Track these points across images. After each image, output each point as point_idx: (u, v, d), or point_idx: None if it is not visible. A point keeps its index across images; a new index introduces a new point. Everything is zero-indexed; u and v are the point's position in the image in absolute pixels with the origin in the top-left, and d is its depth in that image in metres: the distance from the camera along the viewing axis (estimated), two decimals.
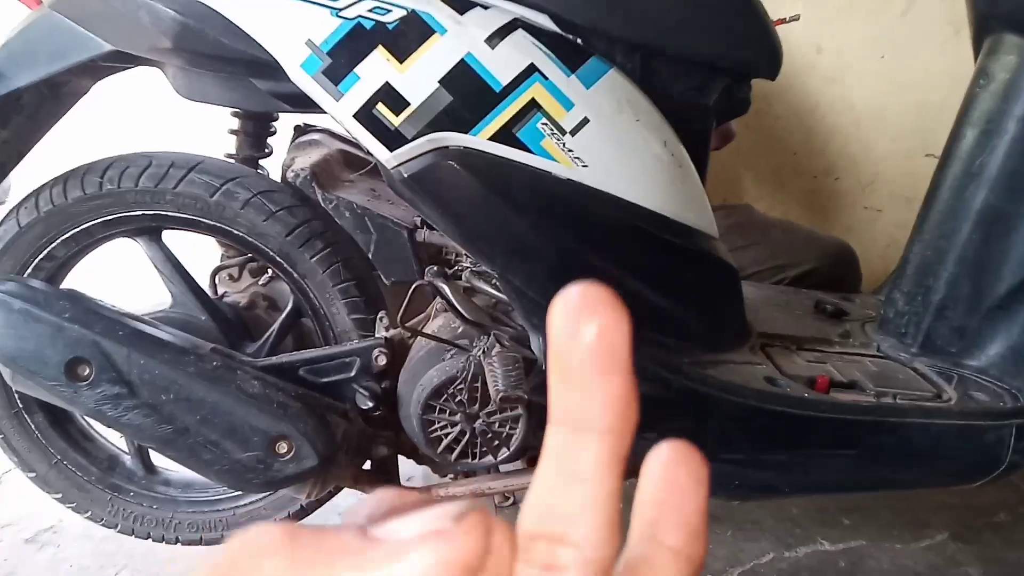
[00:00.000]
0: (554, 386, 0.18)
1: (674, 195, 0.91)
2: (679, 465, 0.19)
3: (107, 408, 0.94)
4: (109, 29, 0.91)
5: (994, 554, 1.31)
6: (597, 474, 0.18)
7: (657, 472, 0.19)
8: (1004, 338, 1.01)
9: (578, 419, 0.18)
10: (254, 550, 0.16)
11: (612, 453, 0.18)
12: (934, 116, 1.79)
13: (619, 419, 0.18)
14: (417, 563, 0.15)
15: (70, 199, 1.05)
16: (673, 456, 0.19)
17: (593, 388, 0.18)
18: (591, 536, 0.18)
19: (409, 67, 0.84)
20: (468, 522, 0.16)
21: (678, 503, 0.19)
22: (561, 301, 0.18)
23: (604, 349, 0.17)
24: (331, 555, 0.16)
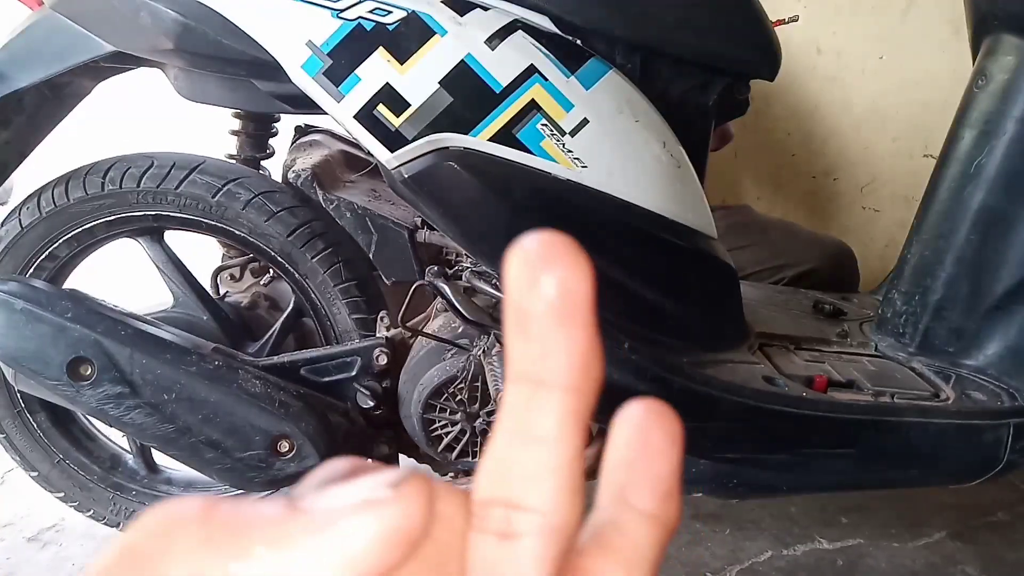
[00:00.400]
0: (511, 341, 0.16)
1: (673, 195, 0.92)
2: (651, 424, 0.18)
3: (109, 407, 0.95)
4: (110, 30, 0.92)
5: (992, 553, 1.31)
6: (558, 434, 0.16)
7: (627, 432, 0.18)
8: (1002, 338, 1.02)
9: (538, 376, 0.16)
10: (166, 526, 0.15)
11: (574, 412, 0.16)
12: (933, 116, 1.80)
13: (581, 375, 0.16)
14: (346, 535, 0.14)
15: (72, 199, 1.05)
16: (645, 415, 0.18)
17: (553, 342, 0.16)
18: (551, 500, 0.16)
19: (409, 68, 0.84)
20: (406, 488, 0.15)
21: (649, 464, 0.17)
22: (518, 250, 0.16)
23: (565, 301, 0.16)
24: (249, 529, 0.14)
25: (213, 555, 0.14)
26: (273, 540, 0.14)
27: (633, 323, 0.95)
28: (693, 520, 1.36)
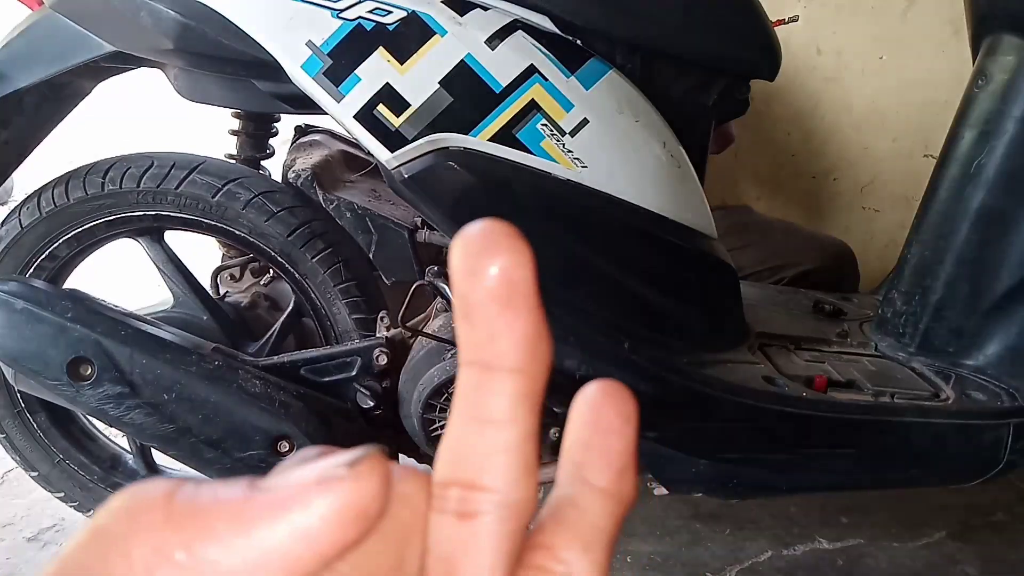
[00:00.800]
0: (460, 327, 0.17)
1: (673, 196, 0.92)
2: (605, 404, 0.18)
3: (109, 407, 0.95)
4: (110, 30, 0.92)
5: (992, 553, 1.31)
6: (510, 415, 0.17)
7: (583, 413, 0.18)
8: (1002, 338, 1.02)
9: (487, 359, 0.17)
10: (132, 507, 0.15)
11: (524, 393, 0.17)
12: (933, 117, 1.80)
13: (529, 357, 0.17)
14: (303, 512, 0.15)
15: (72, 199, 1.05)
16: (600, 395, 0.18)
17: (499, 327, 0.17)
18: (506, 479, 0.17)
19: (409, 68, 0.84)
20: (362, 467, 0.15)
21: (604, 442, 0.18)
22: (461, 240, 0.17)
23: (507, 287, 0.17)
24: (210, 508, 0.15)
25: (176, 534, 0.15)
26: (233, 519, 0.15)
27: (633, 323, 0.95)
28: (693, 520, 1.36)
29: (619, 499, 0.18)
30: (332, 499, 0.15)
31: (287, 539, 0.15)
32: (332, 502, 0.15)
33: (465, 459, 0.17)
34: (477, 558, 0.17)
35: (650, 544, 1.30)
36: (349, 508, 0.15)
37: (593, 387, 0.18)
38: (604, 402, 0.18)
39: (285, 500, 0.15)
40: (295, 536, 0.15)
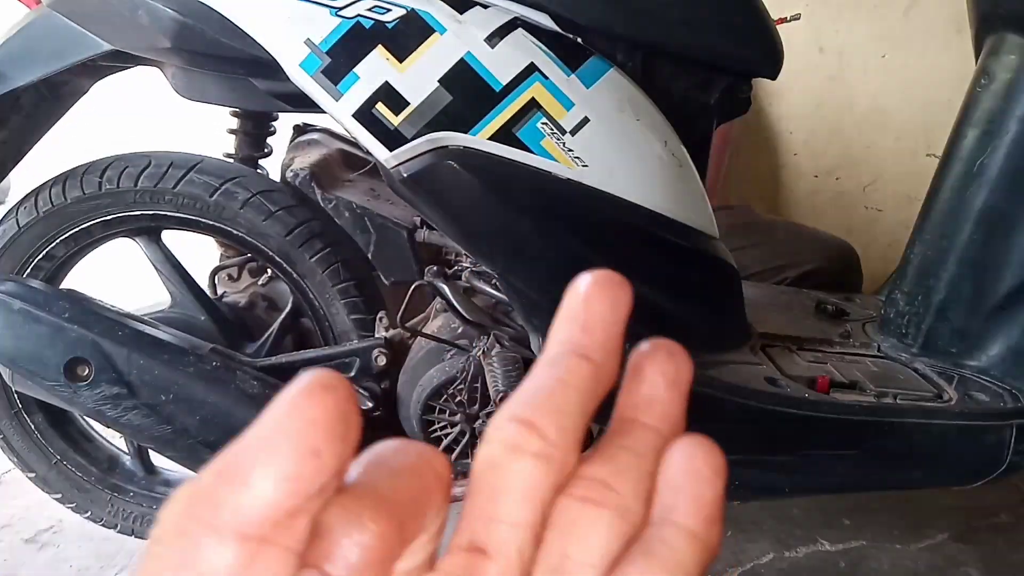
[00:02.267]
0: (558, 324, 0.20)
1: (674, 195, 0.91)
2: (699, 455, 0.19)
3: (107, 408, 0.94)
4: (108, 29, 0.91)
5: (995, 555, 1.31)
6: (580, 387, 0.19)
7: (677, 460, 0.19)
8: (1005, 339, 1.01)
9: (573, 345, 0.19)
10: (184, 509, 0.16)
11: (597, 380, 0.19)
12: (936, 116, 1.79)
13: (610, 358, 0.19)
14: (273, 453, 0.15)
15: (69, 199, 1.04)
16: (694, 447, 0.19)
17: (593, 326, 0.19)
18: (559, 435, 0.18)
19: (409, 66, 0.83)
20: (309, 387, 0.16)
21: (697, 490, 0.19)
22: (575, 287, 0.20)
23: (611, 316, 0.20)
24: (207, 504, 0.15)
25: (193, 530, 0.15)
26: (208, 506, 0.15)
27: (634, 323, 0.93)
28: None
29: (707, 545, 0.19)
30: (287, 426, 0.15)
31: (270, 481, 0.15)
32: (288, 428, 0.15)
33: (532, 408, 0.18)
34: (516, 480, 0.18)
35: None
36: (310, 427, 0.15)
37: (687, 439, 0.20)
38: (697, 454, 0.19)
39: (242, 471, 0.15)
40: (277, 476, 0.15)
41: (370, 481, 0.17)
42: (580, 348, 0.19)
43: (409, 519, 0.17)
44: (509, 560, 0.18)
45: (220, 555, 0.15)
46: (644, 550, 0.18)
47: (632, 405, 0.20)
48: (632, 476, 0.19)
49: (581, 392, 0.19)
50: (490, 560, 0.18)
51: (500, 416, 0.19)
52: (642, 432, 0.20)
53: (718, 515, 0.19)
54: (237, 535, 0.15)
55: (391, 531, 0.16)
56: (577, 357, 0.19)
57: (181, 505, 0.15)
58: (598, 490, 0.19)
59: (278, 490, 0.15)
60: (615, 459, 0.19)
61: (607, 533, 0.18)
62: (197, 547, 0.15)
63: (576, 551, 0.18)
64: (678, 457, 0.19)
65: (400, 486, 0.17)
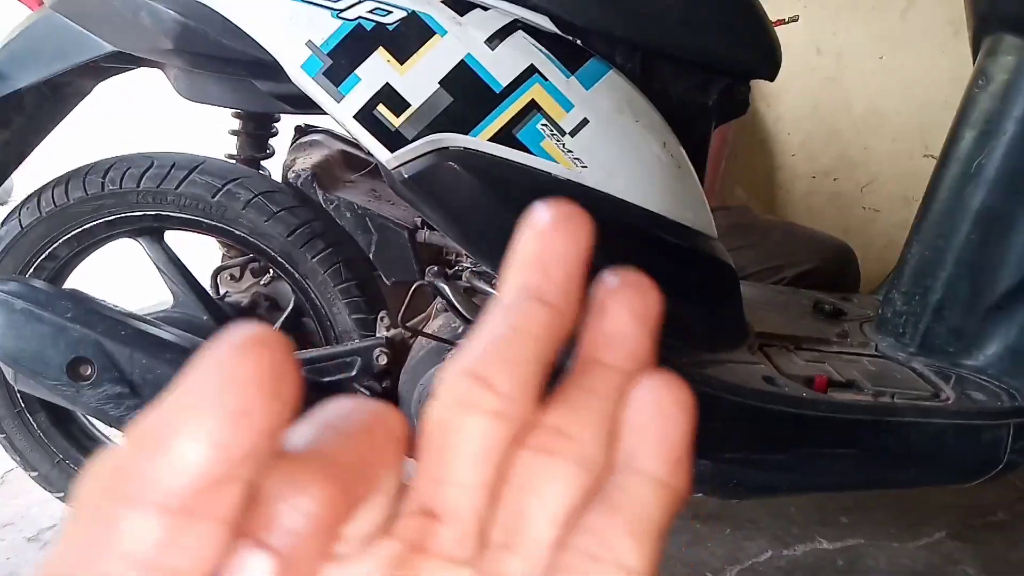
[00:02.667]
0: (513, 266, 0.18)
1: (673, 196, 0.92)
2: (664, 392, 0.18)
3: (109, 407, 0.95)
4: (110, 30, 0.92)
5: (992, 553, 1.31)
6: (537, 334, 0.17)
7: (639, 399, 0.18)
8: (1002, 338, 1.02)
9: (529, 289, 0.18)
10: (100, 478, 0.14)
11: (556, 325, 0.17)
12: (933, 117, 1.80)
13: (571, 299, 0.18)
14: (199, 411, 0.14)
15: (72, 199, 1.05)
16: (658, 384, 0.18)
17: (552, 264, 0.18)
18: (514, 388, 0.17)
19: (409, 68, 0.84)
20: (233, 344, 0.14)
21: (662, 431, 0.17)
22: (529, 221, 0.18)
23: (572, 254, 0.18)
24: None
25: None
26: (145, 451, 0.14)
27: None
28: (693, 520, 1.36)
29: (674, 490, 0.17)
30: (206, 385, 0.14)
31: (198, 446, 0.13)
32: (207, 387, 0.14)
33: (486, 359, 0.17)
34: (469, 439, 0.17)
35: None
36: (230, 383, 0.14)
37: (651, 375, 0.18)
38: (661, 390, 0.18)
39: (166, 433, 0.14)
40: (207, 439, 0.14)
41: (314, 442, 0.16)
42: (537, 292, 0.18)
43: (356, 481, 0.16)
44: (464, 522, 0.17)
45: (141, 530, 0.13)
46: (605, 500, 0.17)
47: (595, 344, 0.19)
48: (593, 421, 0.18)
49: (537, 339, 0.17)
50: (444, 524, 0.17)
51: (450, 370, 0.17)
52: (605, 372, 0.18)
53: (685, 456, 0.18)
54: (159, 508, 0.13)
55: (335, 495, 0.15)
56: (534, 302, 0.18)
57: (98, 478, 0.14)
58: (555, 439, 0.17)
59: (202, 456, 0.13)
60: (575, 403, 0.18)
61: (565, 485, 0.17)
62: (116, 523, 0.13)
63: (532, 506, 0.17)
64: (641, 396, 0.18)
65: (348, 446, 0.16)
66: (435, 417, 0.17)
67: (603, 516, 0.17)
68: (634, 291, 0.19)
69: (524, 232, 0.19)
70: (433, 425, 0.17)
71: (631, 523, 0.17)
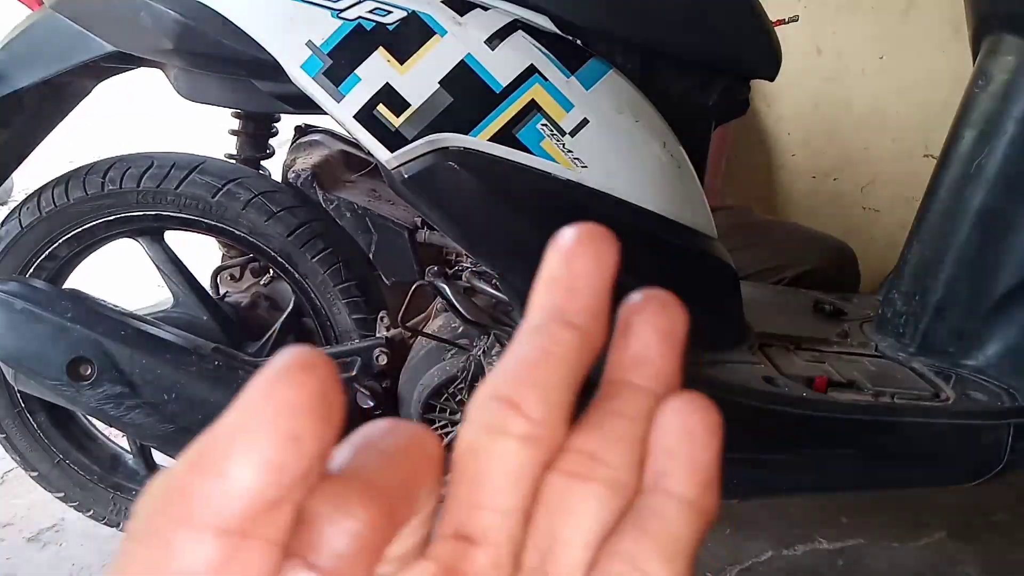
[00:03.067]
0: (539, 288, 0.19)
1: (673, 196, 0.92)
2: (693, 415, 0.18)
3: (109, 407, 0.95)
4: (110, 30, 0.92)
5: (993, 553, 1.31)
6: (566, 357, 0.17)
7: (669, 422, 0.18)
8: (1002, 338, 1.02)
9: (557, 310, 0.18)
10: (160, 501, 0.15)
11: (584, 347, 0.18)
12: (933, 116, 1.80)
13: (598, 320, 0.18)
14: (251, 436, 0.14)
15: (72, 199, 1.05)
16: (687, 406, 0.18)
17: (577, 287, 0.18)
18: (544, 412, 0.17)
19: (409, 68, 0.84)
20: (286, 368, 0.15)
21: (691, 453, 0.18)
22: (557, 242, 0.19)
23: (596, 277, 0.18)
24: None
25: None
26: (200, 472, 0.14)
27: None
28: None
29: (703, 512, 0.18)
30: (262, 408, 0.14)
31: (250, 470, 0.14)
32: (263, 410, 0.14)
33: (517, 381, 0.17)
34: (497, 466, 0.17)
35: None
36: (286, 409, 0.14)
37: (681, 399, 0.18)
38: (690, 412, 0.18)
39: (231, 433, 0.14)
40: (256, 463, 0.14)
41: (357, 465, 0.16)
42: (564, 313, 0.18)
43: (399, 503, 0.16)
44: (498, 546, 0.17)
45: (197, 551, 0.14)
46: (635, 522, 0.17)
47: (622, 365, 0.19)
48: (622, 444, 0.18)
49: (566, 362, 0.18)
50: (478, 547, 0.17)
51: (481, 394, 0.18)
52: (633, 394, 0.18)
53: (714, 477, 0.18)
54: (214, 529, 0.14)
55: (379, 516, 0.15)
56: (561, 324, 0.18)
57: (155, 499, 0.14)
58: (586, 464, 0.18)
59: (256, 480, 0.14)
60: (604, 427, 0.18)
61: (597, 508, 0.18)
62: (172, 544, 0.14)
63: (565, 530, 0.17)
64: (670, 418, 0.18)
65: (389, 469, 0.16)
66: (466, 441, 0.18)
67: (634, 538, 0.17)
68: (659, 309, 0.19)
69: (550, 254, 0.19)
70: (465, 449, 0.18)
71: (662, 545, 0.17)
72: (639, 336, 0.19)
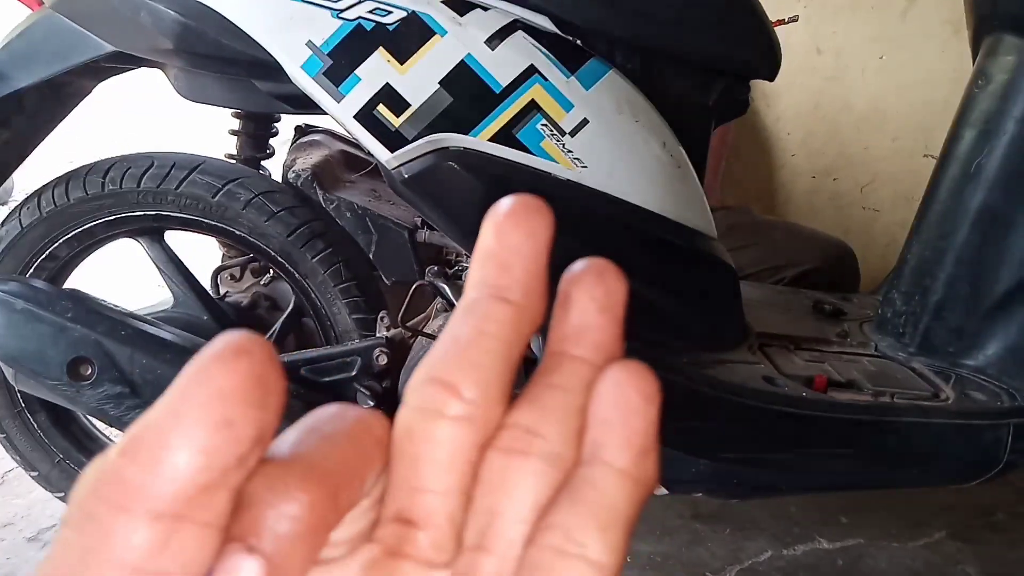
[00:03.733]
0: (474, 265, 0.18)
1: (673, 196, 0.92)
2: (627, 383, 0.18)
3: (109, 407, 0.95)
4: (110, 30, 0.92)
5: (992, 553, 1.31)
6: (500, 334, 0.17)
7: (604, 390, 0.18)
8: (1002, 338, 1.02)
9: (490, 287, 0.18)
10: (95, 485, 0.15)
11: (519, 322, 0.18)
12: (933, 116, 1.80)
13: (533, 295, 0.18)
14: (184, 420, 0.14)
15: (72, 199, 1.05)
16: (621, 374, 0.18)
17: (510, 262, 0.18)
18: (480, 392, 0.17)
19: (410, 68, 0.84)
20: (219, 351, 0.15)
21: (626, 421, 0.17)
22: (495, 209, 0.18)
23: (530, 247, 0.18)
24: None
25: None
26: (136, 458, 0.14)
27: (633, 323, 0.94)
28: (693, 520, 1.36)
29: (640, 481, 0.17)
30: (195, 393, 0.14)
31: (187, 453, 0.14)
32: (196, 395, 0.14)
33: (449, 364, 0.17)
34: (436, 451, 0.17)
35: (650, 544, 1.30)
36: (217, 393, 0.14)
37: (615, 368, 0.18)
38: (626, 381, 0.18)
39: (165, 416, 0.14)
40: (192, 447, 0.14)
41: (301, 449, 0.16)
42: (497, 289, 0.18)
43: (343, 486, 0.16)
44: (439, 528, 0.17)
45: (132, 536, 0.14)
46: (571, 494, 0.17)
47: (562, 337, 0.18)
48: (559, 417, 0.18)
49: (502, 340, 0.17)
50: (419, 529, 0.17)
51: (417, 377, 0.18)
52: (572, 366, 0.18)
53: (651, 445, 0.18)
54: (149, 514, 0.14)
55: (321, 500, 0.15)
56: (495, 300, 0.18)
57: (90, 486, 0.14)
58: (523, 439, 0.18)
59: (189, 464, 0.14)
60: (542, 400, 0.18)
61: (534, 483, 0.17)
62: (107, 529, 0.14)
63: (504, 506, 0.17)
64: (606, 387, 0.18)
65: (334, 452, 0.16)
66: (403, 425, 0.18)
67: (569, 510, 0.17)
68: (597, 279, 0.19)
69: (484, 228, 0.18)
70: (402, 433, 0.18)
71: (596, 515, 0.17)
72: (577, 307, 0.18)
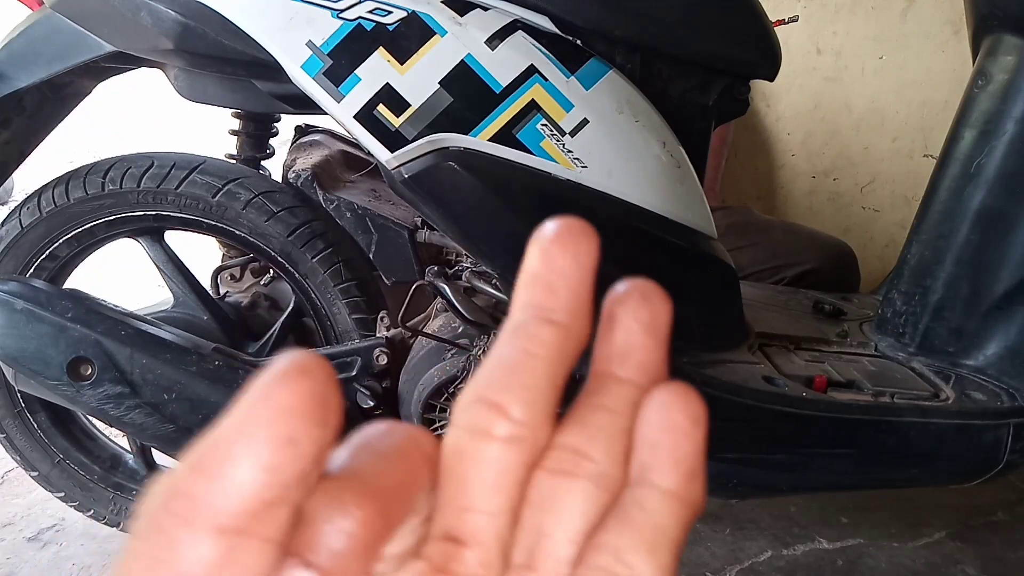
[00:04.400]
0: (519, 286, 0.19)
1: (673, 196, 0.92)
2: (675, 405, 0.18)
3: (109, 407, 0.95)
4: (110, 30, 0.92)
5: (992, 553, 1.31)
6: (547, 356, 0.18)
7: (652, 413, 0.18)
8: (1002, 338, 1.02)
9: (537, 309, 0.18)
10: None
11: (566, 344, 0.18)
12: (933, 116, 1.80)
13: (579, 317, 0.18)
14: (250, 440, 0.15)
15: (72, 199, 1.05)
16: (670, 397, 0.18)
17: (556, 284, 0.18)
18: (527, 412, 0.17)
19: (410, 68, 0.84)
20: (286, 371, 0.15)
21: (674, 444, 0.18)
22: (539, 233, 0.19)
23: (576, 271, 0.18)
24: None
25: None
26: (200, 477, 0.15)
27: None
28: None
29: (688, 503, 0.18)
30: (264, 410, 0.15)
31: (249, 470, 0.14)
32: (265, 413, 0.15)
33: (498, 384, 0.18)
34: (483, 471, 0.17)
35: None
36: (286, 411, 0.15)
37: (664, 390, 0.18)
38: (673, 403, 0.18)
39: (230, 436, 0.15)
40: (256, 464, 0.14)
41: (355, 466, 0.16)
42: (544, 311, 0.18)
43: (395, 503, 0.17)
44: (486, 546, 0.17)
45: (198, 550, 0.14)
46: (619, 515, 0.17)
47: (607, 358, 0.19)
48: (607, 438, 0.18)
49: (548, 361, 0.18)
50: (467, 548, 0.17)
51: (465, 397, 0.18)
52: (618, 387, 0.18)
53: (698, 468, 0.18)
54: (214, 528, 0.14)
55: (375, 516, 0.16)
56: (541, 322, 0.18)
57: (157, 500, 0.15)
58: (571, 460, 0.18)
59: (254, 481, 0.14)
60: (589, 421, 0.18)
61: (582, 503, 0.18)
62: (174, 543, 0.14)
63: (552, 526, 0.18)
64: (653, 409, 0.18)
65: (386, 469, 0.17)
66: (452, 445, 0.18)
67: (618, 531, 0.17)
68: (642, 300, 0.19)
69: (530, 250, 0.19)
70: (451, 453, 0.18)
71: (645, 537, 0.17)
72: (622, 328, 0.19)
